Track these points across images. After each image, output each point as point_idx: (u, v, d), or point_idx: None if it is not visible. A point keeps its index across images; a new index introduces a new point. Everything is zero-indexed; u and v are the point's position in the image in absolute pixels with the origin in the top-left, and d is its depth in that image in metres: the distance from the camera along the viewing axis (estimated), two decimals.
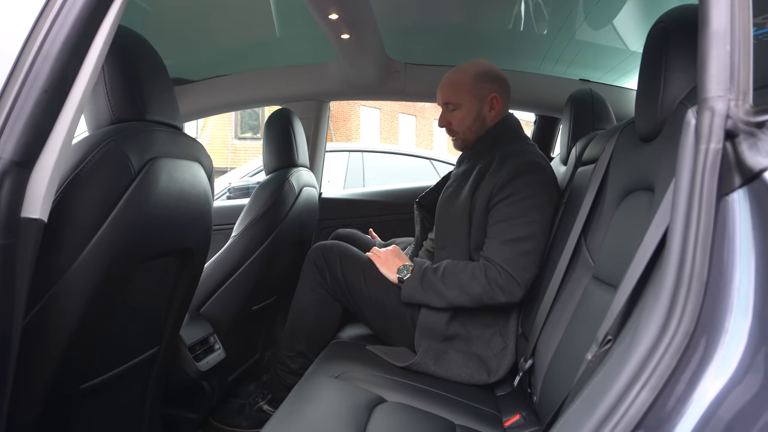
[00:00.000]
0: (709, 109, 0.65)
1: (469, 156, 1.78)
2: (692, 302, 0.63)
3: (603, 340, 0.84)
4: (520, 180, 1.55)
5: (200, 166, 1.28)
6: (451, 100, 1.73)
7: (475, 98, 1.71)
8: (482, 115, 1.72)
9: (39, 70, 0.75)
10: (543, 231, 1.56)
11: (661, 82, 0.97)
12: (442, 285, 1.55)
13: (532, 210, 1.55)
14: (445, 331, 1.57)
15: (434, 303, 1.56)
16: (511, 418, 1.36)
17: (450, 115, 1.75)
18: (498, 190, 1.56)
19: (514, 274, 1.51)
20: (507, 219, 1.55)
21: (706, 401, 0.61)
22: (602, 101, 1.88)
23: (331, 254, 1.73)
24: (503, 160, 1.60)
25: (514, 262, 1.51)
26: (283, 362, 1.78)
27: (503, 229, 1.55)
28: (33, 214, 0.76)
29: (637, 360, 0.65)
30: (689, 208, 0.65)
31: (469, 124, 1.73)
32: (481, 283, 1.51)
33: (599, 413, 0.66)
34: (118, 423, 1.32)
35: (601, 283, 1.15)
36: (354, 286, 1.70)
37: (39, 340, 0.95)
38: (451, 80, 1.74)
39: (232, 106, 2.53)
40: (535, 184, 1.56)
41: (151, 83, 1.15)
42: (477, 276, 1.52)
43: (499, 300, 1.52)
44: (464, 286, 1.53)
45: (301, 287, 1.77)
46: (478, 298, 1.52)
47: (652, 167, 1.02)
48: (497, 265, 1.52)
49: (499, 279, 1.51)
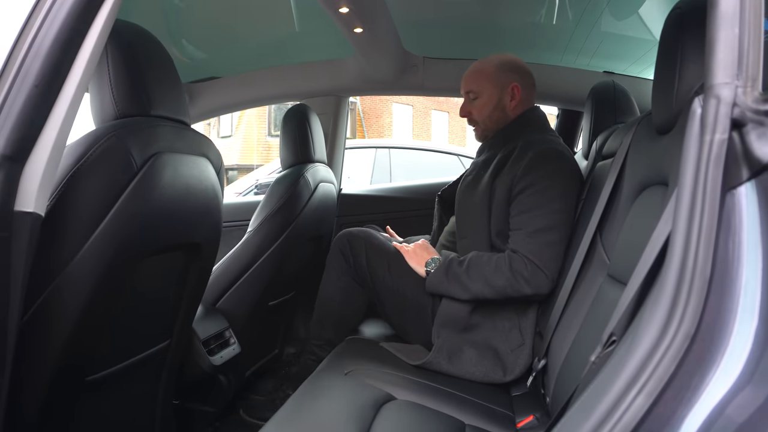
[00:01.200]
0: (714, 96, 0.61)
1: (490, 145, 1.76)
2: (694, 302, 0.59)
3: (607, 340, 0.80)
4: (542, 168, 1.53)
5: (208, 162, 1.28)
6: (471, 88, 1.73)
7: (495, 87, 1.70)
8: (502, 104, 1.71)
9: (30, 67, 0.75)
10: (567, 221, 1.53)
11: (676, 72, 0.92)
12: (466, 277, 1.53)
13: (555, 199, 1.52)
14: (465, 321, 1.55)
15: (459, 295, 1.54)
16: (525, 419, 1.33)
17: (471, 105, 1.75)
18: (520, 178, 1.54)
19: (541, 265, 1.48)
20: (530, 209, 1.52)
21: (708, 408, 0.57)
22: (625, 94, 1.81)
23: (357, 241, 1.73)
24: (525, 148, 1.58)
25: (541, 253, 1.48)
26: (311, 351, 1.79)
27: (527, 219, 1.52)
28: (27, 207, 0.77)
29: (635, 363, 0.61)
30: (693, 202, 0.61)
31: (488, 112, 1.72)
32: (505, 275, 1.49)
33: (594, 418, 0.62)
34: (130, 414, 1.33)
35: (614, 281, 1.11)
36: (377, 273, 1.70)
37: (42, 331, 0.96)
38: (474, 69, 1.75)
39: (254, 103, 2.54)
40: (558, 173, 1.54)
41: (156, 78, 1.16)
42: (501, 268, 1.50)
43: (525, 292, 1.49)
44: (488, 279, 1.50)
45: (327, 275, 1.78)
46: (502, 290, 1.50)
47: (666, 160, 0.98)
48: (523, 257, 1.49)
49: (525, 271, 1.48)
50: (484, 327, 1.56)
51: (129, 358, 1.23)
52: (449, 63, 2.26)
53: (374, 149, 5.28)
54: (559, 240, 1.50)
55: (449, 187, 1.93)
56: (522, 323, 1.56)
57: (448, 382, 1.46)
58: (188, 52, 2.21)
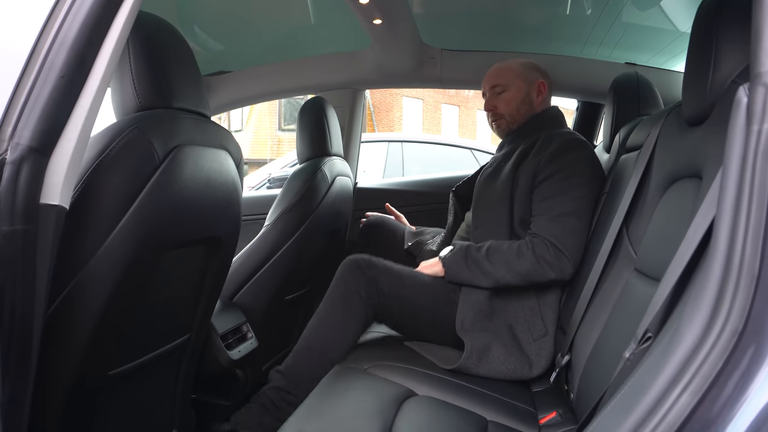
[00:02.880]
0: (763, 84, 0.59)
1: (511, 139, 1.77)
2: (741, 298, 0.57)
3: (642, 336, 0.78)
4: (565, 157, 1.55)
5: (228, 155, 1.27)
6: (498, 82, 1.75)
7: (523, 81, 1.74)
8: (530, 98, 1.74)
9: (55, 57, 0.74)
10: (589, 208, 1.54)
11: (711, 59, 0.89)
12: (487, 263, 1.52)
13: (578, 186, 1.53)
14: (487, 307, 1.54)
15: (480, 282, 1.53)
16: (547, 415, 1.31)
17: (496, 99, 1.76)
18: (544, 166, 1.55)
19: (564, 249, 1.48)
20: (553, 195, 1.53)
21: (757, 407, 0.55)
22: (648, 85, 1.78)
23: (375, 266, 1.55)
24: (549, 138, 1.61)
25: (563, 238, 1.48)
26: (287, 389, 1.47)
27: (550, 205, 1.53)
28: (52, 200, 0.76)
29: (679, 360, 0.60)
30: (739, 194, 0.59)
31: (517, 105, 1.74)
32: (528, 259, 1.49)
33: (635, 417, 0.61)
34: (149, 408, 1.33)
35: (643, 276, 1.09)
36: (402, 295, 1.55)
37: (64, 326, 0.96)
38: (499, 66, 1.79)
39: (267, 96, 2.53)
40: (581, 161, 1.56)
41: (178, 71, 1.15)
42: (524, 253, 1.49)
43: (549, 276, 1.49)
44: (511, 264, 1.50)
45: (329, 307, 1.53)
46: (526, 276, 1.49)
47: (699, 153, 0.95)
48: (545, 240, 1.49)
49: (548, 255, 1.48)
50: (506, 314, 1.54)
51: (150, 353, 1.22)
52: (467, 55, 2.24)
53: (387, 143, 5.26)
54: (582, 227, 1.51)
55: (464, 183, 1.92)
56: (544, 312, 1.54)
57: (469, 378, 1.45)
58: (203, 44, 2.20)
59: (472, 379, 1.44)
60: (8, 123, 0.72)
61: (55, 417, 1.02)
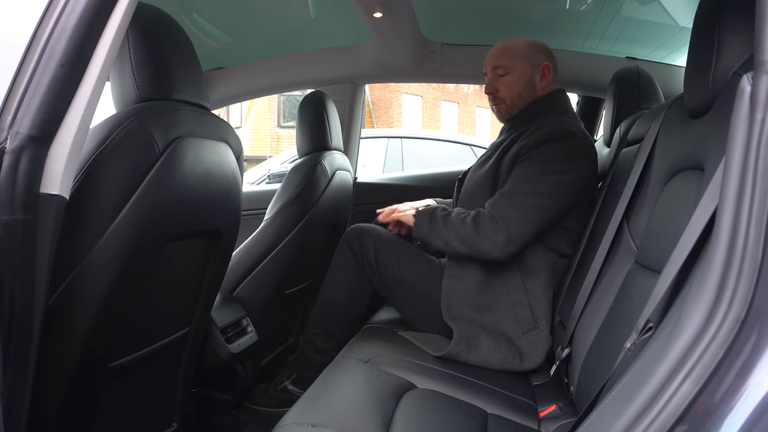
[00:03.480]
0: (766, 73, 0.59)
1: (510, 126, 1.73)
2: (744, 286, 0.57)
3: (644, 327, 0.78)
4: (547, 145, 1.51)
5: (228, 147, 1.26)
6: (501, 63, 1.68)
7: (527, 64, 1.67)
8: (533, 82, 1.67)
9: (55, 45, 0.74)
10: (555, 194, 1.49)
11: (714, 50, 0.89)
12: (442, 224, 1.55)
13: (548, 173, 1.49)
14: (474, 300, 1.54)
15: (435, 240, 1.57)
16: (547, 408, 1.31)
17: (498, 81, 1.69)
18: (524, 152, 1.53)
19: (502, 223, 1.46)
20: (518, 177, 1.52)
21: (758, 396, 0.55)
22: (649, 79, 1.78)
23: (366, 237, 1.73)
24: (539, 126, 1.57)
25: (507, 213, 1.47)
26: (310, 341, 1.79)
27: (511, 183, 1.52)
28: (52, 190, 0.76)
29: (680, 349, 0.60)
30: (742, 183, 0.59)
31: (519, 89, 1.67)
32: (468, 225, 1.50)
33: (637, 405, 0.61)
34: (151, 400, 1.33)
35: (644, 268, 1.09)
36: (388, 269, 1.70)
37: (65, 317, 0.96)
38: (503, 45, 1.71)
39: (267, 91, 2.52)
40: (562, 151, 1.50)
41: (178, 62, 1.14)
42: (466, 219, 1.51)
43: (483, 247, 1.47)
44: (456, 227, 1.52)
45: (334, 268, 1.78)
46: (465, 240, 1.50)
47: (701, 145, 0.95)
48: (488, 212, 1.49)
49: (486, 225, 1.47)
50: (494, 308, 1.54)
51: (149, 345, 1.22)
52: (468, 50, 2.24)
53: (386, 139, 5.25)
54: (536, 207, 1.47)
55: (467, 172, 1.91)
56: (533, 306, 1.54)
57: (468, 370, 1.45)
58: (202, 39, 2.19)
59: (472, 371, 1.44)
60: (8, 112, 0.72)
61: (55, 409, 1.01)
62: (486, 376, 1.44)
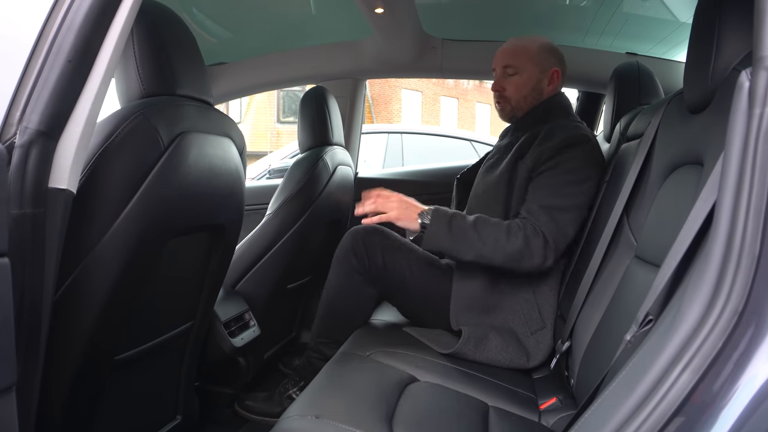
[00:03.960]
0: (765, 68, 0.60)
1: (515, 128, 1.73)
2: (741, 279, 0.58)
3: (643, 320, 0.80)
4: (567, 152, 1.51)
5: (231, 142, 1.27)
6: (511, 63, 1.67)
7: (537, 67, 1.67)
8: (540, 87, 1.68)
9: (63, 41, 0.75)
10: (583, 205, 1.51)
11: (713, 46, 0.90)
12: (475, 234, 1.45)
13: (575, 184, 1.51)
14: (483, 303, 1.54)
15: (461, 253, 1.47)
16: (548, 401, 1.32)
17: (506, 80, 1.69)
18: (544, 160, 1.53)
19: (549, 238, 1.46)
20: (549, 187, 1.51)
21: (756, 386, 0.56)
22: (650, 75, 1.78)
23: (372, 240, 1.63)
24: (551, 132, 1.56)
25: (551, 227, 1.46)
26: (317, 350, 1.69)
27: (544, 196, 1.50)
28: (60, 184, 0.77)
29: (680, 340, 0.61)
30: (741, 177, 0.60)
31: (525, 92, 1.67)
32: (519, 240, 1.44)
33: (636, 396, 0.62)
34: (153, 394, 1.34)
35: (643, 263, 1.10)
36: (396, 273, 1.61)
37: (70, 312, 0.97)
38: (516, 45, 1.70)
39: (268, 86, 2.53)
40: (582, 158, 1.52)
41: (181, 58, 1.15)
42: (515, 233, 1.45)
43: (533, 262, 1.45)
44: (500, 241, 1.45)
45: (337, 273, 1.66)
46: (513, 256, 1.44)
47: (701, 139, 0.96)
48: (534, 225, 1.47)
49: (536, 240, 1.45)
50: (502, 309, 1.55)
51: (153, 339, 1.24)
52: (469, 45, 2.24)
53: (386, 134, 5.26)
54: (571, 220, 1.49)
55: (469, 171, 1.91)
56: (541, 305, 1.55)
57: (470, 365, 1.46)
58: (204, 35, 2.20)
59: (473, 365, 1.45)
60: (17, 107, 0.73)
61: (60, 402, 1.03)
62: (487, 370, 1.45)
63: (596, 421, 0.67)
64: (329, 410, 1.05)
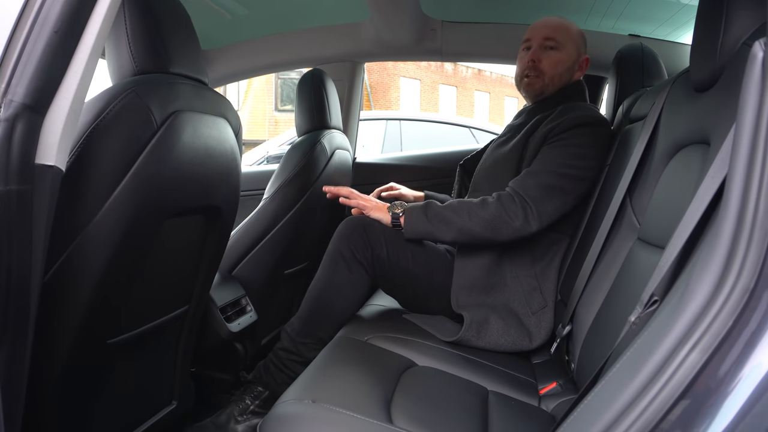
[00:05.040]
0: None
1: (531, 109, 1.72)
2: (753, 255, 0.56)
3: (648, 300, 0.77)
4: (577, 130, 1.51)
5: (227, 123, 1.25)
6: (556, 36, 1.66)
7: (576, 50, 1.68)
8: (573, 69, 1.69)
9: (49, 11, 0.72)
10: (581, 178, 1.50)
11: (722, 21, 0.87)
12: (449, 212, 1.47)
13: (576, 157, 1.49)
14: (484, 282, 1.52)
15: (443, 233, 1.48)
16: (548, 385, 1.31)
17: (545, 54, 1.66)
18: (554, 134, 1.52)
19: (529, 201, 1.44)
20: (546, 158, 1.50)
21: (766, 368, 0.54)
22: (654, 56, 1.75)
23: (373, 231, 1.54)
24: (566, 111, 1.57)
25: (534, 191, 1.45)
26: (295, 351, 1.50)
27: (538, 164, 1.50)
28: (48, 161, 0.74)
29: (688, 318, 0.59)
30: (753, 150, 0.58)
31: (561, 70, 1.66)
32: (492, 206, 1.44)
33: (642, 377, 0.60)
34: (149, 379, 1.33)
35: (647, 245, 1.08)
36: (399, 264, 1.54)
37: (63, 292, 0.95)
38: (560, 21, 1.70)
39: (265, 69, 2.49)
40: (590, 136, 1.51)
41: (175, 35, 1.12)
42: (489, 201, 1.46)
43: (514, 225, 1.43)
44: (473, 211, 1.45)
45: (332, 265, 1.53)
46: (491, 222, 1.43)
47: (708, 118, 0.94)
48: (512, 190, 1.46)
49: (512, 204, 1.44)
50: (504, 288, 1.53)
51: (148, 323, 1.22)
52: (469, 27, 2.20)
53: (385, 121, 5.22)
54: (562, 188, 1.47)
55: (472, 158, 1.88)
56: (543, 285, 1.54)
57: (469, 350, 1.45)
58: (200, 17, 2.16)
59: (472, 350, 1.44)
60: (1, 79, 0.70)
61: (54, 386, 1.01)
62: (487, 354, 1.44)
63: (599, 404, 0.65)
64: (326, 394, 1.04)
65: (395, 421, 1.00)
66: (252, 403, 1.52)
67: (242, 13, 2.17)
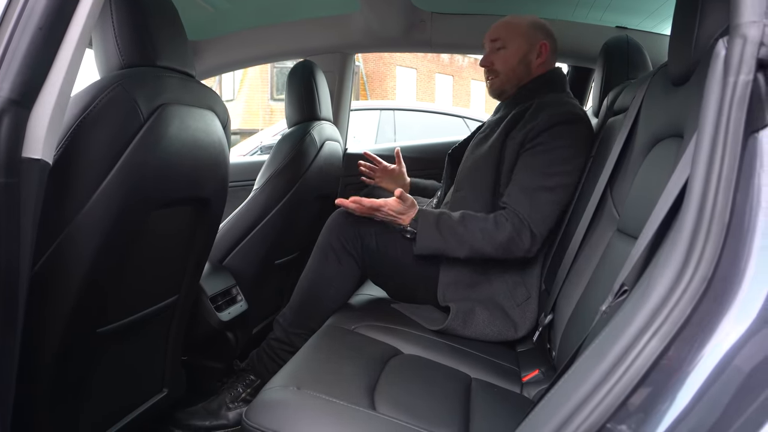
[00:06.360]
0: (740, 36, 0.59)
1: (507, 104, 1.73)
2: (711, 246, 0.58)
3: (618, 290, 0.80)
4: (554, 129, 1.51)
5: (214, 115, 1.26)
6: (500, 35, 1.69)
7: (525, 41, 1.68)
8: (528, 60, 1.68)
9: (33, 7, 0.73)
10: (569, 184, 1.51)
11: (696, 17, 0.89)
12: (463, 228, 1.48)
13: (561, 161, 1.50)
14: (469, 279, 1.55)
15: (456, 251, 1.49)
16: (530, 373, 1.34)
17: (494, 55, 1.70)
18: (532, 137, 1.52)
19: (534, 229, 1.48)
20: (534, 167, 1.51)
21: (722, 350, 0.57)
22: (638, 49, 1.77)
23: (365, 224, 1.57)
24: (540, 108, 1.56)
25: (533, 215, 1.48)
26: (287, 341, 1.56)
27: (528, 177, 1.51)
28: (35, 154, 0.76)
29: (650, 308, 0.61)
30: (713, 146, 0.60)
31: (513, 65, 1.68)
32: (507, 230, 1.47)
33: (607, 362, 0.62)
34: (140, 368, 1.35)
35: (625, 235, 1.10)
36: (388, 255, 1.58)
37: (54, 282, 0.97)
38: (505, 20, 1.72)
39: (255, 61, 2.49)
40: (569, 136, 1.52)
41: (162, 28, 1.13)
42: (503, 223, 1.48)
43: (524, 247, 1.48)
44: (488, 232, 1.47)
45: (322, 257, 1.57)
46: (504, 246, 1.47)
47: (682, 112, 0.96)
48: (521, 217, 1.48)
49: (523, 231, 1.47)
50: (489, 283, 1.56)
51: (138, 312, 1.24)
52: (458, 19, 2.21)
53: (378, 111, 5.22)
54: (555, 201, 1.50)
55: (459, 146, 1.89)
56: (527, 279, 1.57)
57: (455, 338, 1.47)
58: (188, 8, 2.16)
59: (457, 339, 1.47)
60: None
61: (45, 375, 1.03)
62: (472, 343, 1.47)
63: (568, 388, 0.68)
64: (311, 381, 1.06)
65: (378, 408, 1.03)
66: (244, 391, 1.58)
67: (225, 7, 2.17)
